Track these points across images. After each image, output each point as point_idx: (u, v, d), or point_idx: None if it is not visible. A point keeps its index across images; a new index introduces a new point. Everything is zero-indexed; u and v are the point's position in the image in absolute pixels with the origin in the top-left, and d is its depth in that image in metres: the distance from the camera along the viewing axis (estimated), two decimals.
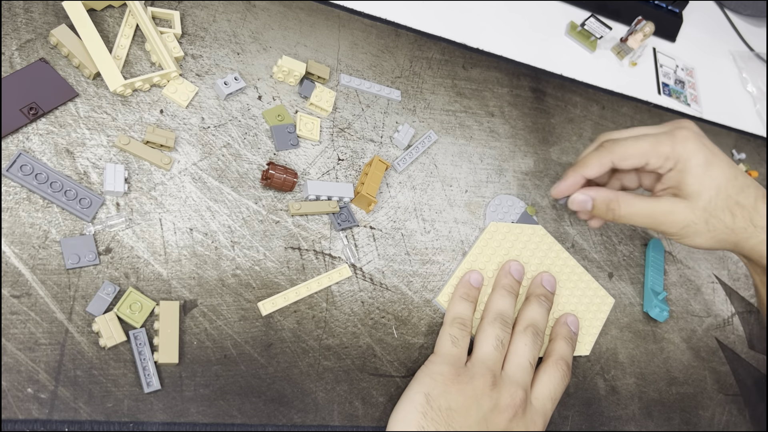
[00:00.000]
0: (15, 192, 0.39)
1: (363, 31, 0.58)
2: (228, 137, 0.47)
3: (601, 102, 0.71)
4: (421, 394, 0.41)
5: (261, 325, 0.42)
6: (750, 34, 0.98)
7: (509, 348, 0.46)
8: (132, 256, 0.40)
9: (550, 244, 0.54)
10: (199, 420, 0.38)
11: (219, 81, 0.48)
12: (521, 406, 0.43)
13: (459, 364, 0.44)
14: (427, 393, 0.41)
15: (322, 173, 0.49)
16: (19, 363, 0.35)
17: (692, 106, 0.81)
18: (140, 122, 0.44)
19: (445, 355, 0.44)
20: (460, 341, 0.45)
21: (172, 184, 0.43)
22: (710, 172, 0.48)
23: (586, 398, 0.51)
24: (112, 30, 0.47)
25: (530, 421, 0.43)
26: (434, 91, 0.59)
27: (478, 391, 0.42)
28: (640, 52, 0.80)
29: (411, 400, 0.41)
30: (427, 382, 0.42)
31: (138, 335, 0.38)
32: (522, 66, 0.67)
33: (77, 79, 0.43)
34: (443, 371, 0.43)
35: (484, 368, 0.43)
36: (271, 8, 0.54)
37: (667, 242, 0.65)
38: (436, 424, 0.40)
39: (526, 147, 0.62)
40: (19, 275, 0.37)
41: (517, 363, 0.45)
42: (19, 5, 0.44)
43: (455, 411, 0.41)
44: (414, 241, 0.51)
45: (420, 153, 0.55)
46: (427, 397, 0.41)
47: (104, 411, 0.36)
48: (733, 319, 0.65)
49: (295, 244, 0.46)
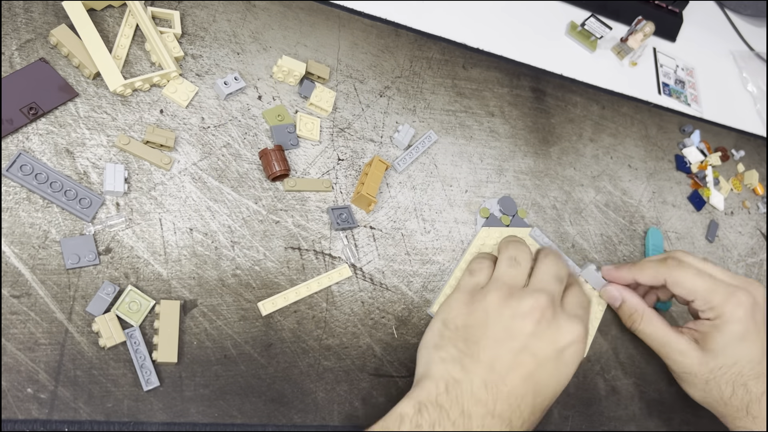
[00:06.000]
0: (15, 192, 0.39)
1: (363, 31, 0.58)
2: (228, 137, 0.47)
3: (601, 102, 0.71)
4: (439, 321, 0.42)
5: (261, 325, 0.42)
6: (750, 34, 0.98)
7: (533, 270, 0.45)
8: (132, 256, 0.40)
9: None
10: (199, 420, 0.38)
11: (219, 81, 0.48)
12: (548, 309, 0.40)
13: (476, 289, 0.43)
14: (444, 318, 0.42)
15: (322, 173, 0.49)
16: (19, 363, 0.35)
17: (692, 105, 0.81)
18: (140, 122, 0.44)
19: (462, 285, 0.44)
20: (477, 272, 0.44)
21: (172, 184, 0.43)
22: (739, 345, 0.47)
23: (587, 398, 0.51)
24: (112, 30, 0.46)
25: (564, 325, 0.41)
26: (434, 91, 0.59)
27: (493, 304, 0.41)
28: (641, 52, 0.80)
29: (430, 329, 0.42)
30: (443, 309, 0.43)
31: (133, 333, 0.37)
32: (522, 66, 0.67)
33: (77, 79, 0.43)
34: (458, 297, 0.43)
35: (499, 283, 0.43)
36: (271, 8, 0.54)
37: (667, 242, 0.65)
38: (453, 341, 0.40)
39: (526, 147, 0.62)
40: (19, 275, 0.37)
41: (540, 276, 0.43)
42: (19, 5, 0.44)
43: (472, 326, 0.40)
44: (414, 241, 0.51)
45: (420, 153, 0.55)
46: (443, 321, 0.42)
47: (104, 411, 0.36)
48: None
49: (295, 244, 0.46)
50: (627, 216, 0.64)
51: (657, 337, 0.50)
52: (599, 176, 0.65)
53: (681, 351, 0.48)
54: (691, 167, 0.73)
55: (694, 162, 0.73)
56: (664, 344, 0.49)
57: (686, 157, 0.73)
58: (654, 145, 0.72)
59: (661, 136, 0.73)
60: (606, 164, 0.66)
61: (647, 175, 0.69)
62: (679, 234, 0.67)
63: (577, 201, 0.62)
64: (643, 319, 0.51)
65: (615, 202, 0.64)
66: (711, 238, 0.69)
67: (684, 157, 0.73)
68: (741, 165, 0.79)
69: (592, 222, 0.61)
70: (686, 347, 0.48)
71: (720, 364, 0.47)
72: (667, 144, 0.73)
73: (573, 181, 0.63)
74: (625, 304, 0.52)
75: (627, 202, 0.65)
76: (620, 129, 0.70)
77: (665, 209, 0.68)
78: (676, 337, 0.49)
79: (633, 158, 0.69)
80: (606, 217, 0.63)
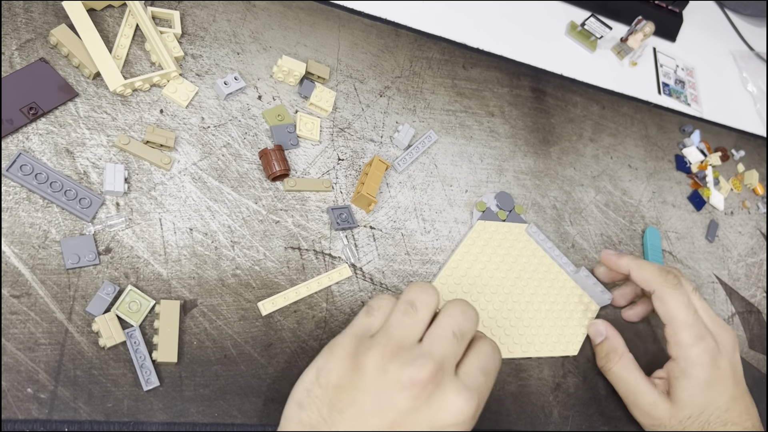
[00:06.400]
0: (15, 192, 0.39)
1: (363, 31, 0.58)
2: (228, 137, 0.47)
3: (601, 102, 0.71)
4: (314, 369, 0.35)
5: (261, 325, 0.42)
6: (750, 34, 0.98)
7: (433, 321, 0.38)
8: (132, 256, 0.40)
9: (533, 250, 0.55)
10: (199, 420, 0.38)
11: (219, 81, 0.48)
12: (431, 382, 0.33)
13: (365, 336, 0.36)
14: (319, 367, 0.35)
15: (322, 173, 0.49)
16: (19, 363, 0.35)
17: (692, 105, 0.81)
18: (140, 122, 0.44)
19: (353, 326, 0.37)
20: (374, 312, 0.37)
21: (172, 184, 0.43)
22: (705, 393, 0.46)
23: (586, 398, 0.51)
24: (112, 30, 0.46)
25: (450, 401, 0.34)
26: (434, 91, 0.59)
27: (372, 365, 0.34)
28: (640, 52, 0.80)
29: (303, 376, 0.36)
30: (324, 354, 0.36)
31: (133, 333, 0.37)
32: (522, 66, 0.67)
33: (77, 78, 0.43)
34: (344, 342, 0.36)
35: (387, 337, 0.35)
36: (271, 8, 0.54)
37: (667, 242, 0.65)
38: (318, 404, 0.34)
39: (526, 147, 0.62)
40: (19, 275, 0.37)
41: (435, 333, 0.36)
42: (19, 5, 0.44)
43: (343, 388, 0.34)
44: (414, 241, 0.51)
45: (420, 153, 0.55)
46: (318, 371, 0.35)
47: (104, 411, 0.36)
48: (734, 319, 0.65)
49: (295, 244, 0.46)
50: (627, 216, 0.64)
51: (630, 383, 0.49)
52: (599, 176, 0.65)
53: (652, 402, 0.48)
54: (691, 167, 0.73)
55: (694, 162, 0.73)
56: (635, 392, 0.48)
57: (686, 157, 0.73)
58: (654, 145, 0.72)
59: (661, 136, 0.73)
60: (606, 164, 0.66)
61: (647, 175, 0.69)
62: (679, 234, 0.67)
63: (577, 201, 0.62)
64: (621, 361, 0.49)
65: (615, 202, 0.64)
66: (711, 238, 0.69)
67: (684, 157, 0.73)
68: (741, 165, 0.79)
69: (592, 222, 0.61)
70: (657, 399, 0.48)
71: (688, 414, 0.46)
72: (667, 144, 0.73)
73: (573, 181, 0.63)
74: (607, 342, 0.51)
75: (627, 202, 0.65)
76: (620, 129, 0.70)
77: (665, 209, 0.68)
78: (649, 387, 0.48)
79: (633, 158, 0.69)
80: (606, 217, 0.63)
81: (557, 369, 0.51)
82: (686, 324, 0.47)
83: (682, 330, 0.47)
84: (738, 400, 0.47)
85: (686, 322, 0.47)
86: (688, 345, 0.47)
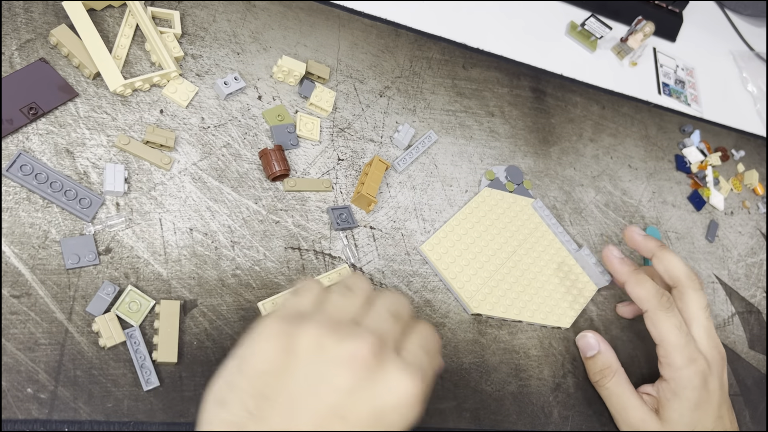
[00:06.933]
0: (15, 192, 0.39)
1: (363, 31, 0.58)
2: (228, 137, 0.47)
3: (601, 102, 0.71)
4: (235, 360, 0.31)
5: None
6: (750, 34, 0.98)
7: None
8: (132, 256, 0.40)
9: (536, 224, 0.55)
10: None
11: (219, 81, 0.48)
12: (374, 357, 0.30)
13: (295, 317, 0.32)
14: (242, 356, 0.31)
15: (322, 173, 0.49)
16: (19, 363, 0.35)
17: (692, 106, 0.81)
18: (140, 122, 0.44)
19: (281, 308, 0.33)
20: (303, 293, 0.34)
21: (172, 184, 0.43)
22: (694, 413, 0.47)
23: (587, 398, 0.51)
24: (112, 30, 0.46)
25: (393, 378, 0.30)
26: (434, 91, 0.59)
27: (307, 343, 0.30)
28: (640, 52, 0.80)
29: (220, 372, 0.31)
30: (245, 342, 0.31)
31: (133, 333, 0.37)
32: (522, 66, 0.67)
33: (77, 79, 0.43)
34: (270, 324, 0.31)
35: (323, 315, 0.32)
36: (271, 8, 0.54)
37: (667, 242, 0.65)
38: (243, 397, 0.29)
39: (526, 147, 0.62)
40: (19, 275, 0.37)
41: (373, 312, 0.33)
42: (19, 5, 0.44)
43: (273, 374, 0.30)
44: (414, 241, 0.51)
45: (420, 153, 0.55)
46: (241, 360, 0.31)
47: (104, 411, 0.36)
48: (734, 319, 0.65)
49: (295, 244, 0.46)
50: (627, 216, 0.64)
51: (622, 399, 0.49)
52: (599, 176, 0.65)
53: (641, 419, 0.48)
54: (691, 167, 0.73)
55: (694, 162, 0.73)
56: (626, 407, 0.49)
57: (686, 157, 0.73)
58: (654, 145, 0.72)
59: (661, 136, 0.73)
60: (606, 164, 0.66)
61: (647, 175, 0.69)
62: (679, 234, 0.67)
63: (577, 201, 0.62)
64: (615, 377, 0.50)
65: (615, 202, 0.64)
66: (711, 238, 0.69)
67: (684, 157, 0.73)
68: (741, 165, 0.79)
69: (592, 222, 0.61)
70: (646, 415, 0.48)
71: None
72: (667, 144, 0.73)
73: (573, 181, 0.63)
74: (601, 357, 0.51)
75: (627, 202, 0.65)
76: (620, 129, 0.70)
77: (665, 209, 0.68)
78: (639, 403, 0.48)
79: (633, 158, 0.69)
80: (606, 217, 0.63)
81: (557, 369, 0.51)
82: (678, 346, 0.47)
83: (674, 352, 0.47)
84: (724, 418, 0.49)
85: (678, 345, 0.47)
86: (680, 367, 0.47)
